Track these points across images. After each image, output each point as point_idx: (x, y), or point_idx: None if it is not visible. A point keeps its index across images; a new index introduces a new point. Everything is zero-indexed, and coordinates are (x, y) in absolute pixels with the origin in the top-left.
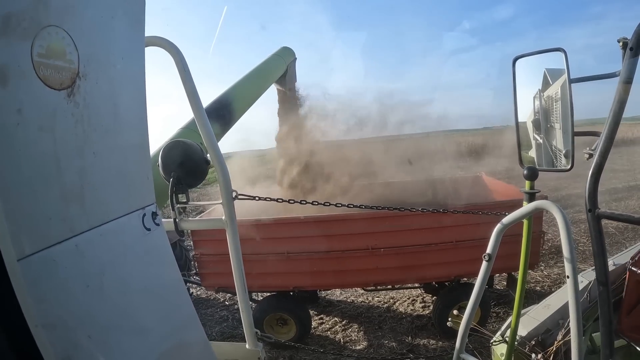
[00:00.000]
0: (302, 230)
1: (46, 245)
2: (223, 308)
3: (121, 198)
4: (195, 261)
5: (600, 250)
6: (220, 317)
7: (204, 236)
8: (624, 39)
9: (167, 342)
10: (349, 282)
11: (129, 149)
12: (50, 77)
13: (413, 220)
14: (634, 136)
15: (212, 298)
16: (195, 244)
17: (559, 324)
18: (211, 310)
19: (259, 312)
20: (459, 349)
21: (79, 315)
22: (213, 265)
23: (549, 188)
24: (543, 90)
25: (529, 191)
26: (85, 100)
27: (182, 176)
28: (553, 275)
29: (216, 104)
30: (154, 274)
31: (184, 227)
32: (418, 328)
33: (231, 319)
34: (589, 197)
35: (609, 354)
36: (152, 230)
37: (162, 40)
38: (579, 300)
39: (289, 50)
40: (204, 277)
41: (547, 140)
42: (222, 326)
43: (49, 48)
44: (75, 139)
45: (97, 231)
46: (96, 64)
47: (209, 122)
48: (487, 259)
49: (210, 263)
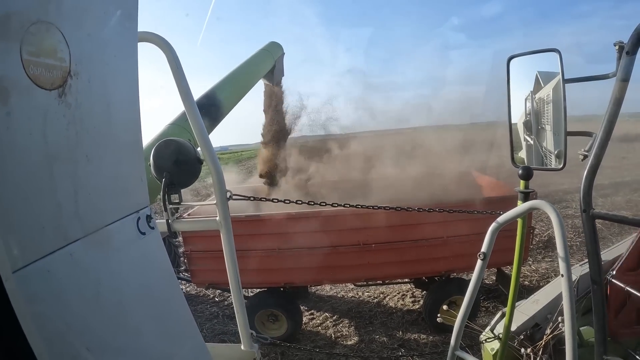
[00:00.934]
0: (293, 226)
1: (40, 255)
2: (213, 305)
3: (115, 202)
4: (185, 258)
5: (594, 250)
6: (210, 313)
7: (195, 233)
8: (620, 42)
9: (165, 348)
10: (340, 277)
11: (123, 150)
12: (41, 77)
13: (404, 217)
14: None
15: (201, 294)
16: (185, 240)
17: (547, 318)
18: (201, 307)
19: (249, 309)
20: (453, 346)
21: (77, 327)
22: (203, 261)
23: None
24: (535, 93)
25: (524, 190)
26: (77, 100)
27: (174, 176)
28: (541, 270)
29: (204, 99)
30: (150, 279)
31: (177, 228)
32: (409, 323)
33: (221, 316)
34: (583, 197)
35: (603, 351)
36: (147, 234)
37: (154, 36)
38: (573, 299)
39: (277, 45)
40: (195, 274)
41: (537, 141)
42: (212, 323)
43: (39, 45)
44: (68, 142)
45: (91, 238)
46: (88, 62)
47: (202, 120)
48: (482, 258)
49: (200, 259)
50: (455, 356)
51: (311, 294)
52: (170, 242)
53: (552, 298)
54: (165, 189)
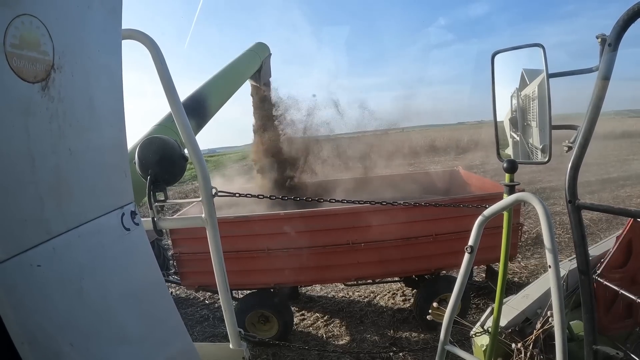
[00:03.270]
0: (283, 226)
1: (22, 249)
2: (203, 307)
3: (99, 197)
4: (175, 260)
5: (581, 240)
6: (200, 316)
7: (183, 234)
8: (602, 35)
9: (150, 345)
10: (331, 277)
11: (106, 145)
12: (24, 69)
13: (393, 214)
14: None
15: (191, 297)
16: (174, 242)
17: (537, 313)
18: (191, 310)
19: (240, 310)
20: (443, 341)
21: (60, 322)
22: (193, 263)
23: (524, 182)
24: (520, 90)
25: (509, 184)
26: (60, 94)
27: (159, 173)
28: (530, 266)
29: (191, 100)
30: (135, 276)
31: (163, 226)
32: (400, 321)
33: (212, 318)
34: (568, 188)
35: (592, 340)
36: (132, 230)
37: (139, 33)
38: (561, 288)
39: (264, 45)
40: (184, 276)
41: (524, 137)
42: (202, 325)
43: (23, 38)
44: (51, 135)
45: (75, 232)
46: (71, 56)
47: (187, 117)
48: (470, 251)
49: (190, 262)
50: (445, 350)
51: (301, 294)
52: (159, 245)
53: (542, 293)
54: (150, 187)
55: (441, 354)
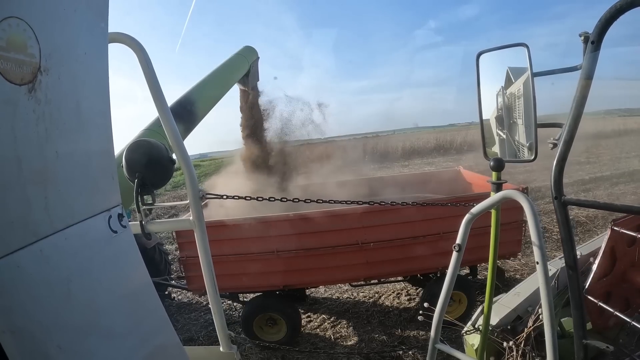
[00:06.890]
0: (291, 228)
1: (9, 251)
2: (207, 312)
3: (86, 199)
4: (181, 264)
5: (568, 236)
6: (205, 320)
7: (190, 238)
8: (585, 33)
9: (139, 348)
10: (339, 277)
11: (93, 147)
12: (11, 71)
13: (402, 214)
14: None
15: (194, 302)
16: (180, 246)
17: (528, 311)
18: (195, 315)
19: (248, 313)
20: (433, 339)
21: (47, 324)
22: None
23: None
24: (506, 88)
25: (496, 182)
26: (47, 96)
27: (147, 177)
28: (531, 263)
29: (178, 104)
30: (122, 278)
31: (151, 230)
32: (406, 320)
33: None
34: (554, 185)
35: (582, 335)
36: (119, 233)
37: (125, 36)
38: (549, 284)
39: (252, 49)
40: (190, 280)
41: (510, 135)
42: (208, 330)
43: (10, 40)
44: (37, 137)
45: (62, 235)
46: (58, 59)
47: (174, 120)
48: (457, 249)
49: (197, 265)
50: (436, 349)
51: (307, 296)
52: (160, 250)
53: (533, 290)
54: (138, 190)
55: (432, 353)
